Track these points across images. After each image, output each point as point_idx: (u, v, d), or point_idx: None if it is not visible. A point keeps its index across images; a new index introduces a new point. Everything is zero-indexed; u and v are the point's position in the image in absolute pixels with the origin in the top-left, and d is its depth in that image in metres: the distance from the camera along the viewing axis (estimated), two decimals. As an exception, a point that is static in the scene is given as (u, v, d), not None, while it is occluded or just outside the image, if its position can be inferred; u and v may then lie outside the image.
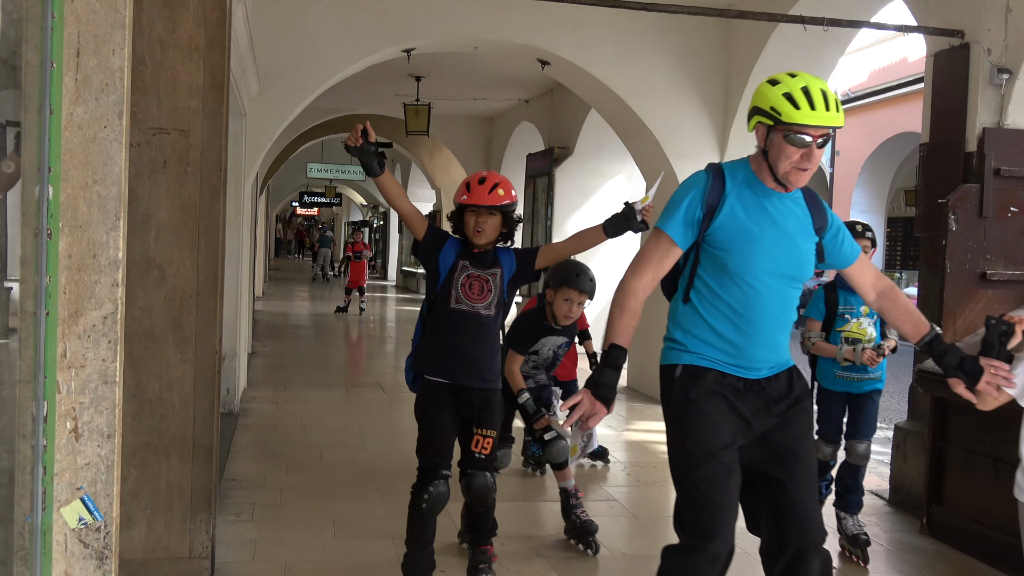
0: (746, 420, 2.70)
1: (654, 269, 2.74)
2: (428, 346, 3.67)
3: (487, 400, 3.68)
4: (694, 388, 2.69)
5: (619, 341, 2.67)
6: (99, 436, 1.83)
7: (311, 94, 7.90)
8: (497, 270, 3.63)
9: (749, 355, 2.71)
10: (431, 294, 3.68)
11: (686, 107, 8.37)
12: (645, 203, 3.50)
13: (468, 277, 3.58)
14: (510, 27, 7.99)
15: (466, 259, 3.61)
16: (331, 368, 10.69)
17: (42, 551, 1.78)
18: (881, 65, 19.23)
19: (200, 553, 3.60)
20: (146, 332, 3.47)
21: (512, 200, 3.60)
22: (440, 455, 3.65)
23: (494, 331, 3.66)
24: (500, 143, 15.36)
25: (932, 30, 5.48)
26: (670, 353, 2.81)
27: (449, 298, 3.58)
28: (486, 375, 3.66)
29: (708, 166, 2.80)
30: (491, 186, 3.57)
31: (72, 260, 1.80)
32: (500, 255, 3.67)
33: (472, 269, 3.60)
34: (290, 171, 24.65)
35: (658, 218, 2.81)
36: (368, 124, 3.31)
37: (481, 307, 3.59)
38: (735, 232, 2.67)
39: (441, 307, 3.61)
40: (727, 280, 2.70)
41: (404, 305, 20.04)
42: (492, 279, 3.62)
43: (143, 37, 3.37)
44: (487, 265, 3.63)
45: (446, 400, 3.64)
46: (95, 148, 1.80)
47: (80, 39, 1.77)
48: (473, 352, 3.61)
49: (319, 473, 5.67)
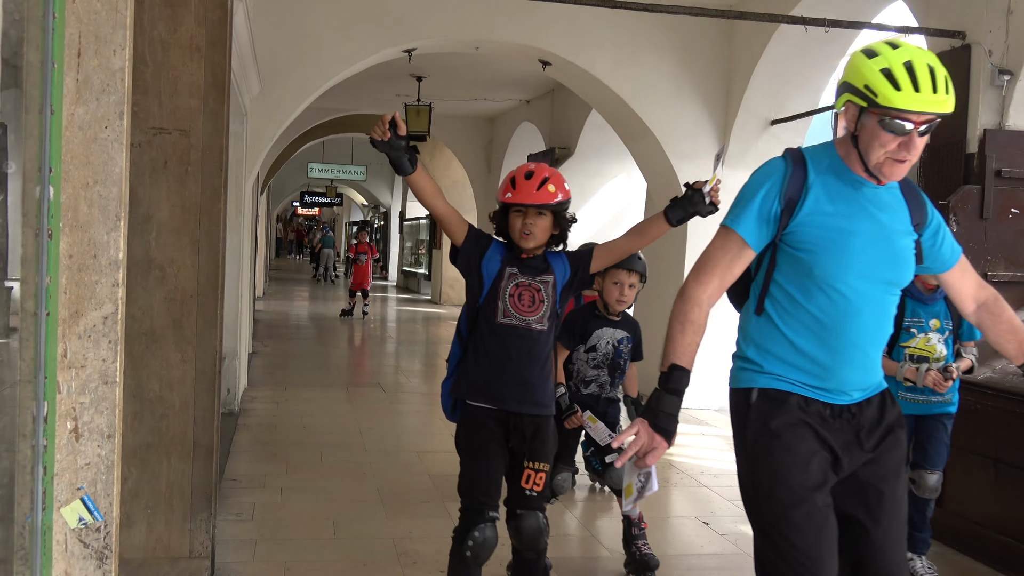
0: (835, 455, 2.29)
1: (721, 275, 2.33)
2: (471, 367, 3.17)
3: (539, 428, 3.17)
4: (776, 417, 2.28)
5: (681, 361, 2.27)
6: (99, 436, 1.83)
7: (312, 94, 7.91)
8: (549, 277, 3.16)
9: (838, 376, 2.30)
10: (472, 307, 3.18)
11: (687, 108, 8.37)
12: (713, 182, 3.09)
13: (517, 286, 3.12)
14: (511, 27, 8.00)
15: (513, 265, 3.14)
16: (331, 368, 10.69)
17: (42, 551, 1.78)
18: (882, 66, 19.19)
19: (200, 553, 3.60)
20: (147, 332, 3.48)
21: (565, 197, 3.12)
22: (487, 495, 3.11)
23: (547, 348, 3.18)
24: (501, 143, 15.37)
25: (933, 31, 5.48)
26: (742, 374, 2.39)
27: (495, 311, 3.11)
28: (538, 399, 3.16)
29: (786, 152, 2.42)
30: (540, 181, 3.07)
31: (73, 260, 1.80)
32: (551, 260, 3.22)
33: (521, 277, 3.13)
34: (291, 171, 24.69)
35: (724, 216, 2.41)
36: (397, 115, 2.79)
37: (532, 320, 3.11)
38: (821, 229, 2.26)
39: (486, 322, 3.13)
40: (811, 287, 2.28)
41: (405, 305, 20.04)
42: (544, 288, 3.15)
43: (144, 37, 3.37)
44: (537, 272, 3.16)
45: (493, 429, 3.14)
46: (96, 148, 1.80)
47: (81, 39, 1.78)
48: (524, 373, 3.12)
49: (319, 473, 5.67)
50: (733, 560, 4.42)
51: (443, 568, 4.03)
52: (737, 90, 8.25)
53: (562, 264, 3.23)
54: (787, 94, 8.13)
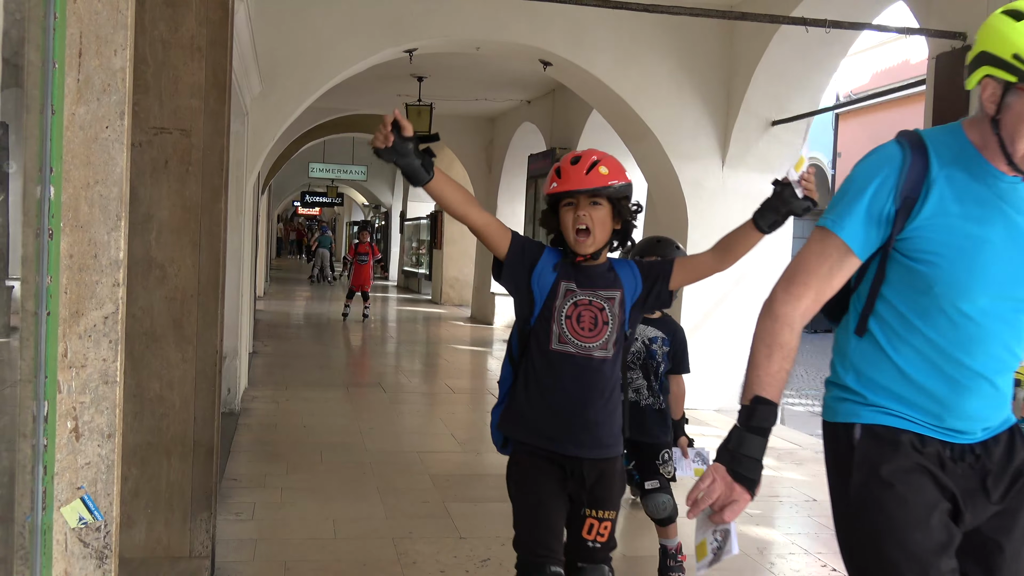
0: (957, 506, 1.89)
1: (818, 288, 1.91)
2: (522, 401, 2.66)
3: (604, 473, 2.65)
4: (886, 461, 1.88)
5: (767, 393, 1.89)
6: (99, 436, 1.83)
7: (313, 94, 7.92)
8: (615, 293, 2.62)
9: (960, 411, 1.90)
10: (523, 329, 2.68)
11: (688, 108, 8.37)
12: (801, 168, 2.53)
13: (575, 305, 2.58)
14: (512, 28, 8.00)
15: (570, 278, 2.61)
16: (332, 368, 10.70)
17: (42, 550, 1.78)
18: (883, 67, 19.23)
19: (200, 552, 3.60)
20: (147, 332, 3.48)
21: (623, 181, 2.58)
22: (546, 547, 2.66)
23: (612, 379, 2.63)
24: (502, 144, 15.38)
25: (934, 32, 5.48)
26: (841, 406, 1.99)
27: (549, 336, 2.58)
28: (602, 440, 2.63)
29: (900, 136, 2.00)
30: (588, 164, 2.56)
31: (73, 260, 1.81)
32: (618, 269, 2.69)
33: (581, 293, 2.60)
34: (292, 171, 24.70)
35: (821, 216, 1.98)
36: (398, 113, 2.30)
37: (594, 347, 2.57)
38: (946, 235, 1.84)
39: (538, 348, 2.61)
40: (930, 306, 1.88)
41: (405, 305, 20.05)
42: (609, 305, 2.60)
43: (145, 37, 3.38)
44: (601, 285, 2.63)
45: (550, 472, 2.65)
46: (97, 148, 1.81)
47: (82, 39, 1.78)
48: (583, 410, 2.59)
49: (320, 473, 5.67)
50: (733, 560, 4.41)
51: (443, 568, 4.04)
52: (738, 91, 8.25)
53: (631, 275, 2.68)
54: (788, 95, 8.13)
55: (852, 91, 19.80)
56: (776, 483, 5.87)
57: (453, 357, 11.91)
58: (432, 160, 2.40)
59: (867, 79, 19.76)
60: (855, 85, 20.00)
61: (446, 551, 4.28)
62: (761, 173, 8.37)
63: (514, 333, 2.74)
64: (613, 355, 2.60)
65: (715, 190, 8.23)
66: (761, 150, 8.31)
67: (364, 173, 26.32)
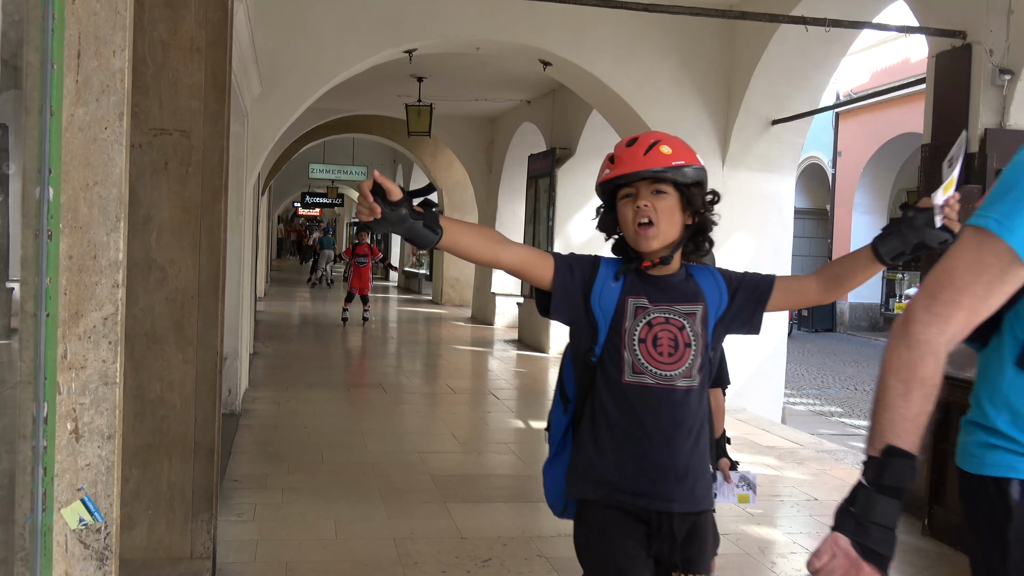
0: None
1: (972, 307, 1.52)
2: (588, 452, 2.18)
3: (696, 528, 2.19)
4: None
5: (903, 442, 1.51)
6: (99, 437, 1.83)
7: (313, 95, 7.92)
8: (696, 307, 2.14)
9: None
10: (584, 363, 2.18)
11: (688, 108, 8.37)
12: (948, 192, 1.97)
13: (649, 325, 2.11)
14: (511, 28, 8.00)
15: (639, 292, 2.13)
16: (333, 368, 10.70)
17: (42, 552, 1.78)
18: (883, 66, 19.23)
19: (201, 553, 3.60)
20: (148, 333, 3.48)
21: (692, 163, 2.13)
22: None
23: (700, 413, 2.17)
24: (502, 144, 15.38)
25: (934, 31, 5.48)
26: (991, 455, 1.61)
27: (620, 366, 2.11)
28: (693, 490, 2.16)
29: None
30: (647, 145, 2.11)
31: (73, 261, 1.81)
32: (698, 277, 2.20)
33: (654, 309, 2.12)
34: (292, 172, 24.70)
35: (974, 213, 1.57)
36: (377, 175, 1.88)
37: (676, 375, 2.10)
38: None
39: (607, 383, 2.13)
40: None
41: (406, 306, 20.05)
42: (689, 323, 2.12)
43: (144, 38, 3.38)
44: (678, 297, 2.14)
45: (631, 532, 2.16)
46: (96, 149, 1.81)
47: (81, 40, 1.78)
48: (670, 454, 2.13)
49: (320, 473, 5.67)
50: (734, 560, 4.41)
51: (444, 568, 4.04)
52: (738, 90, 8.25)
53: (714, 285, 2.19)
54: (788, 94, 8.13)
55: (852, 90, 19.79)
56: (778, 482, 5.87)
57: (454, 357, 11.91)
58: (436, 213, 1.97)
59: (867, 78, 19.76)
60: (855, 84, 20.00)
61: (447, 551, 4.28)
62: (761, 172, 8.38)
63: (566, 371, 2.27)
64: (699, 384, 2.14)
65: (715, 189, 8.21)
66: (761, 149, 8.31)
67: (364, 174, 26.32)
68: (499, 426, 7.45)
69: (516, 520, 4.84)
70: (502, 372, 10.75)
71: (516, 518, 4.88)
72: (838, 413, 9.92)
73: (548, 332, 12.05)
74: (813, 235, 22.71)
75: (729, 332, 2.20)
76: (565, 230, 12.18)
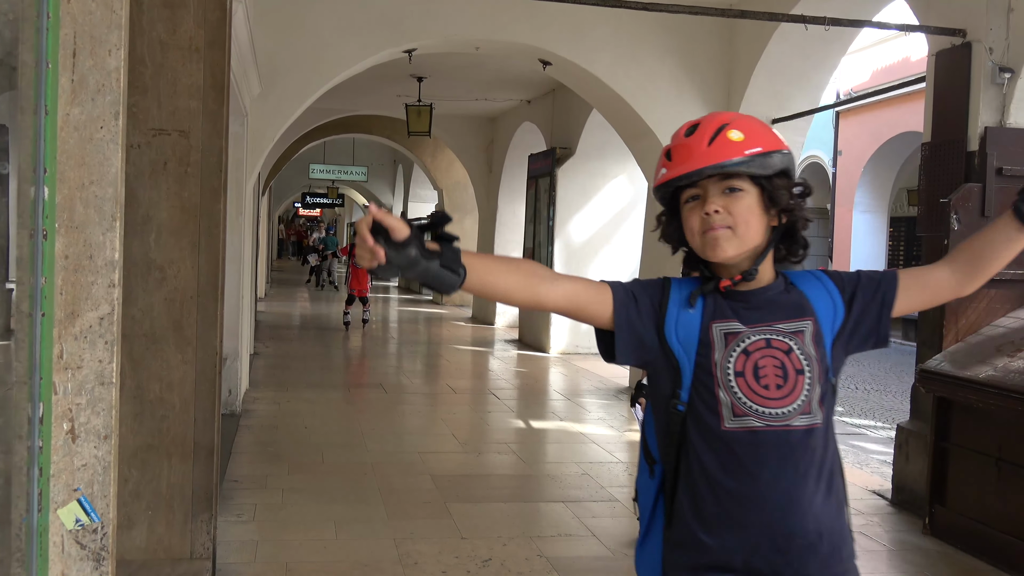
0: None
1: None
2: (690, 522, 1.71)
3: None
4: None
5: None
6: (96, 437, 1.83)
7: (313, 95, 7.91)
8: (805, 322, 1.70)
9: None
10: (667, 413, 1.72)
11: (688, 107, 8.36)
12: None
13: (746, 354, 1.67)
14: (511, 27, 8.00)
15: (725, 314, 1.70)
16: (333, 369, 10.70)
17: (38, 553, 1.78)
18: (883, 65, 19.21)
19: (201, 554, 3.60)
20: (147, 333, 3.47)
21: (773, 147, 1.69)
22: None
23: (829, 456, 1.70)
24: (502, 144, 15.38)
25: (934, 29, 5.47)
26: None
27: (716, 410, 1.67)
28: (838, 551, 1.70)
29: None
30: (712, 131, 1.69)
31: (68, 261, 1.80)
32: (800, 285, 1.76)
33: (750, 332, 1.69)
34: (292, 172, 24.72)
35: None
36: (375, 210, 1.56)
37: (791, 410, 1.65)
38: None
39: (702, 433, 1.69)
40: None
41: (406, 306, 20.05)
42: (797, 343, 1.69)
43: (143, 38, 3.37)
44: (778, 313, 1.71)
45: None
46: (91, 149, 1.80)
47: (76, 40, 1.77)
48: (800, 514, 1.66)
49: (321, 474, 5.67)
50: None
51: (444, 568, 4.04)
52: (738, 89, 8.24)
53: (823, 291, 1.75)
54: (788, 93, 8.12)
55: (852, 89, 19.77)
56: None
57: (454, 357, 11.91)
58: (456, 249, 1.57)
59: (867, 77, 19.74)
60: (855, 83, 19.98)
61: (447, 551, 4.28)
62: (761, 171, 8.36)
63: (647, 425, 1.85)
64: (824, 419, 1.68)
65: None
66: (761, 148, 8.30)
67: (364, 174, 26.34)
68: (499, 426, 7.45)
69: (516, 520, 4.83)
70: (502, 372, 10.75)
71: (516, 518, 4.88)
72: (839, 412, 9.92)
73: (549, 332, 12.04)
74: (813, 234, 22.56)
75: (851, 350, 1.77)
76: (565, 230, 12.18)
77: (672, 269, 1.82)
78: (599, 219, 12.23)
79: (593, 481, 5.65)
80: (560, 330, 12.02)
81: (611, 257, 12.18)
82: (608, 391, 9.20)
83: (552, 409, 8.45)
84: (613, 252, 12.20)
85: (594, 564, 4.32)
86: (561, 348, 12.00)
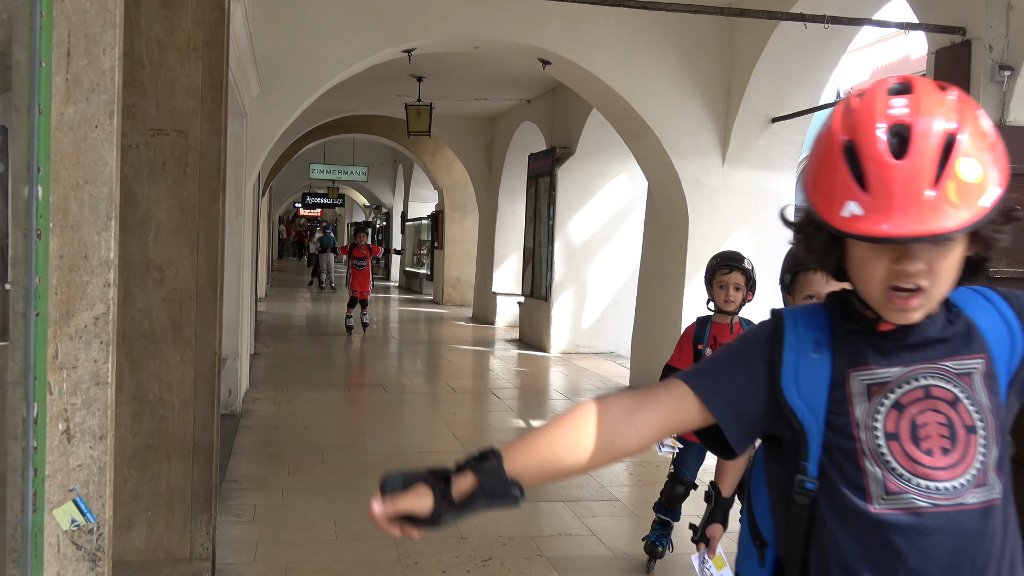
0: None
1: None
2: None
3: None
4: None
5: None
6: (91, 437, 1.82)
7: (312, 95, 7.91)
8: (976, 361, 1.31)
9: None
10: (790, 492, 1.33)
11: (688, 106, 8.35)
12: None
13: (898, 408, 1.28)
14: (511, 27, 7.99)
15: (866, 358, 1.30)
16: (333, 369, 10.70)
17: (33, 553, 1.77)
18: (883, 63, 19.20)
19: (201, 554, 3.59)
20: (145, 333, 3.47)
21: (1007, 176, 1.21)
22: None
23: (1009, 544, 1.30)
24: (502, 143, 15.37)
25: (933, 27, 5.46)
26: None
27: (862, 486, 1.27)
28: None
29: None
30: (936, 161, 1.17)
31: (63, 261, 1.80)
32: (967, 308, 1.36)
33: (901, 379, 1.29)
34: (293, 172, 24.72)
35: None
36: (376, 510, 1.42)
37: (963, 483, 1.26)
38: None
39: (840, 519, 1.29)
40: None
41: (407, 306, 20.04)
42: (964, 390, 1.29)
43: (141, 38, 3.37)
44: (941, 348, 1.31)
45: None
46: (86, 148, 1.80)
47: (70, 39, 1.77)
48: None
49: (321, 474, 5.67)
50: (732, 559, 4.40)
51: (444, 568, 4.03)
52: (738, 88, 8.23)
53: (997, 317, 1.37)
54: (788, 91, 8.11)
55: (853, 87, 19.77)
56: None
57: (455, 357, 11.90)
58: (495, 470, 1.41)
59: (867, 75, 19.74)
60: (855, 82, 19.97)
61: (447, 551, 4.27)
62: (762, 170, 8.36)
63: (757, 498, 1.54)
64: (1002, 493, 1.29)
65: (716, 187, 8.22)
66: (761, 147, 8.29)
67: (365, 174, 26.34)
68: (500, 426, 7.44)
69: (516, 520, 4.82)
70: (503, 372, 10.74)
71: (516, 518, 4.87)
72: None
73: (549, 331, 12.04)
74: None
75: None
76: (565, 229, 12.17)
77: (672, 269, 1.81)
78: (599, 218, 12.22)
79: (593, 481, 5.65)
80: (561, 330, 12.02)
81: (611, 257, 12.17)
82: (609, 391, 9.20)
83: (552, 409, 8.45)
84: (613, 251, 12.19)
85: (594, 564, 4.32)
86: (562, 348, 11.99)
